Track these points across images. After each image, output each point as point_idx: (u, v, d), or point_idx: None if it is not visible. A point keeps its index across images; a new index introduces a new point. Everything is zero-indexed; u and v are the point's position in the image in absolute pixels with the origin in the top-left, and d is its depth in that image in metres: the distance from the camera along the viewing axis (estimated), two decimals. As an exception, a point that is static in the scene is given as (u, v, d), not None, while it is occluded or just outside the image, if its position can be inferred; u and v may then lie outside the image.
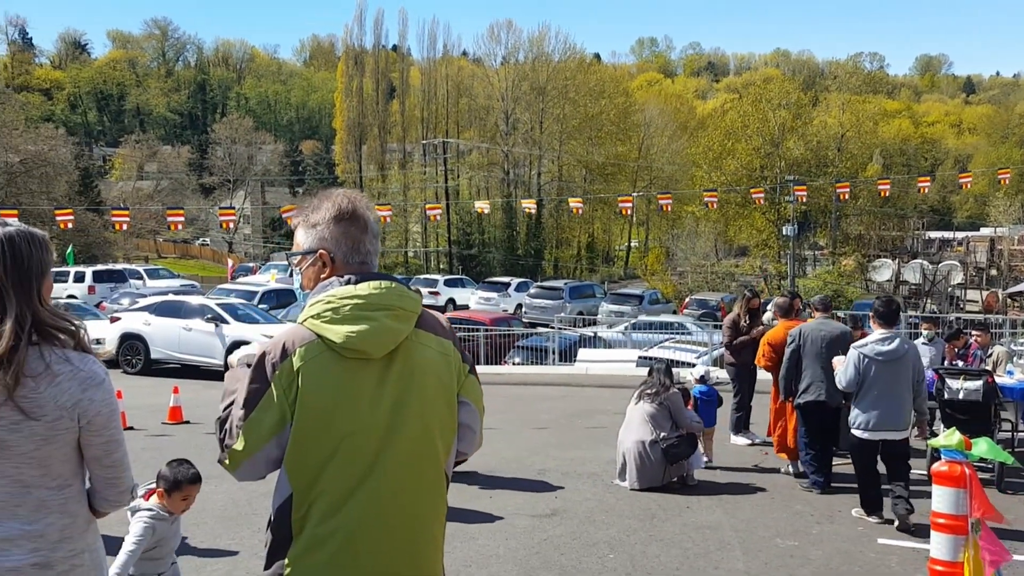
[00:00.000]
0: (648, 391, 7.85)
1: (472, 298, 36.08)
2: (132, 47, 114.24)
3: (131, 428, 10.61)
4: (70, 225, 23.80)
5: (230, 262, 44.93)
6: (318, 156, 76.73)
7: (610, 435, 9.64)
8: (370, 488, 2.05)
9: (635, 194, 40.86)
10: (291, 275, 36.14)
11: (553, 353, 18.25)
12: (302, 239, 2.24)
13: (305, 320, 2.10)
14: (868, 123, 55.37)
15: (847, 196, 34.60)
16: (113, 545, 3.51)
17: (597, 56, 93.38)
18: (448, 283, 38.68)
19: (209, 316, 16.57)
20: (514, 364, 18.00)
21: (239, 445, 2.05)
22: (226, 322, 16.39)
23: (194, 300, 18.28)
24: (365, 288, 2.11)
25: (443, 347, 2.22)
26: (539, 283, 39.16)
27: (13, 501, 2.05)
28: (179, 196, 65.02)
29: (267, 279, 32.65)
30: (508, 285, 37.20)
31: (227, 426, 2.10)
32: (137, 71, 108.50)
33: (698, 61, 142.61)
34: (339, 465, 2.04)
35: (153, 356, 16.72)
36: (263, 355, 2.08)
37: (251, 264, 49.44)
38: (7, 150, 45.62)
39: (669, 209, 28.16)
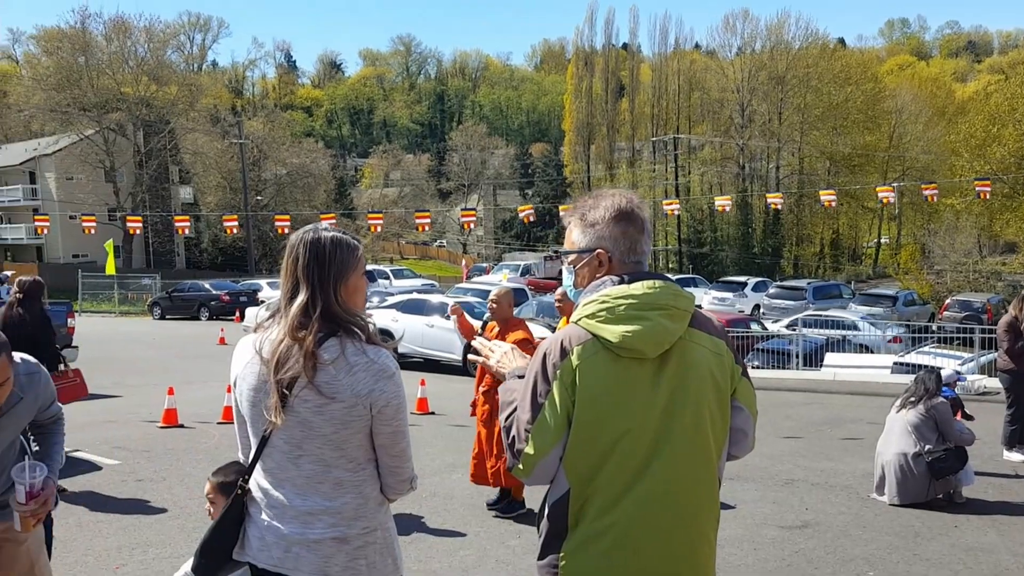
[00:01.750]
0: (912, 399, 7.26)
1: (705, 298, 35.09)
2: (380, 64, 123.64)
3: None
4: (331, 229, 26.02)
5: (465, 262, 47.04)
6: (547, 158, 78.56)
7: (864, 446, 9.05)
8: (644, 486, 2.03)
9: (895, 183, 37.82)
10: (529, 273, 37.25)
11: (796, 357, 17.40)
12: (578, 238, 2.23)
13: (580, 320, 2.10)
14: None
15: None
16: None
17: (841, 41, 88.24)
18: (680, 283, 37.73)
19: (448, 314, 17.39)
20: (752, 367, 17.36)
21: (530, 448, 2.06)
22: (465, 320, 17.10)
23: (435, 299, 19.21)
24: (639, 287, 2.08)
25: (717, 347, 2.16)
26: (779, 282, 37.49)
27: (316, 478, 2.27)
28: (420, 201, 69.24)
29: (500, 279, 33.84)
30: (744, 285, 35.87)
31: (514, 432, 2.11)
32: (384, 86, 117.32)
33: (956, 41, 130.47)
34: (615, 463, 2.03)
35: (400, 351, 17.80)
36: (544, 356, 2.09)
37: (484, 264, 51.42)
38: (276, 163, 50.98)
39: (935, 199, 25.73)
